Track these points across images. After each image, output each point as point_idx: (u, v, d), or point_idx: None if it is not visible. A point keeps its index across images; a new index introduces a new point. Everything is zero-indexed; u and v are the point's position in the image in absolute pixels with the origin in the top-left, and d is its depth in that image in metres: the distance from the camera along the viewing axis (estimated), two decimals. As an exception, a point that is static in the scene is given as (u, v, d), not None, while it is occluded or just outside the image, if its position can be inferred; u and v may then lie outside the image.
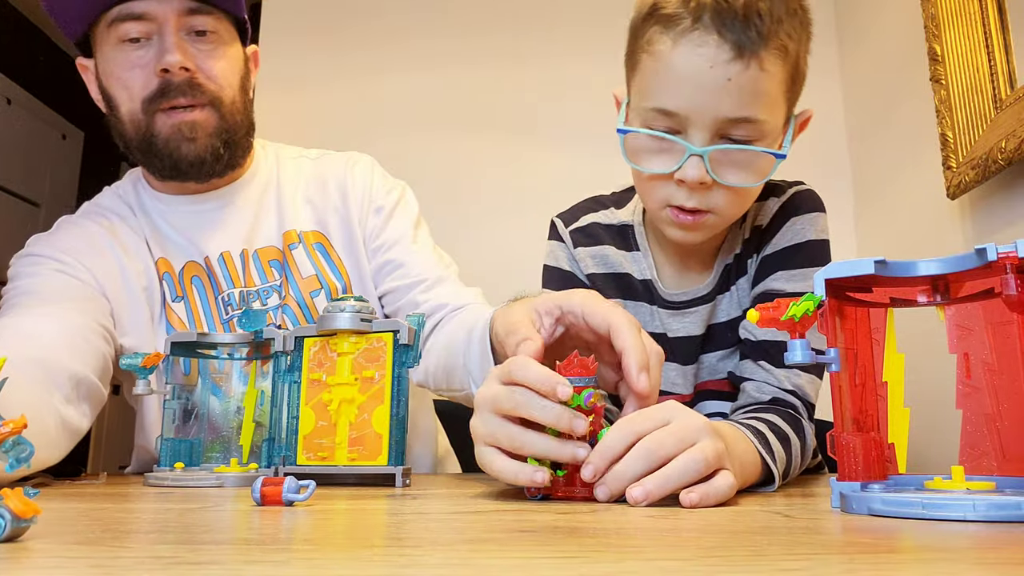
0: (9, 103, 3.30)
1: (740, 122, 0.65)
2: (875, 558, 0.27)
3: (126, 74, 0.86)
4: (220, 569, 0.25)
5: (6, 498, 0.30)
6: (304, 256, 0.94)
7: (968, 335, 0.44)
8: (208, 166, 0.90)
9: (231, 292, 0.92)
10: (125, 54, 0.86)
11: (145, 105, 0.86)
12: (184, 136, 0.87)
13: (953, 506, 0.37)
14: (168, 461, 0.72)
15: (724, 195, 0.68)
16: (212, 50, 0.88)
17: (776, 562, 0.26)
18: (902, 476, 0.45)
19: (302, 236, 0.95)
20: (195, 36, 0.87)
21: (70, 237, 0.92)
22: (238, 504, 0.49)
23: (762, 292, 0.75)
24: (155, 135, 0.87)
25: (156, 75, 0.85)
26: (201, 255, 0.93)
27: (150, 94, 0.86)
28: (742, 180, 0.68)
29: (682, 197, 0.69)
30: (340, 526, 0.38)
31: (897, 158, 1.56)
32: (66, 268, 0.88)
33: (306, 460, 0.66)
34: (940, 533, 0.33)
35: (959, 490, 0.40)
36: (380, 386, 0.66)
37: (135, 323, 0.89)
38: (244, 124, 0.92)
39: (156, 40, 0.85)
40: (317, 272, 0.94)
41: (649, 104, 0.68)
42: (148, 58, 0.85)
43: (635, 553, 0.28)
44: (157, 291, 0.91)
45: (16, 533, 0.30)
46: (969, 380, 0.43)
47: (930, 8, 1.36)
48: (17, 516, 0.30)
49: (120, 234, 0.93)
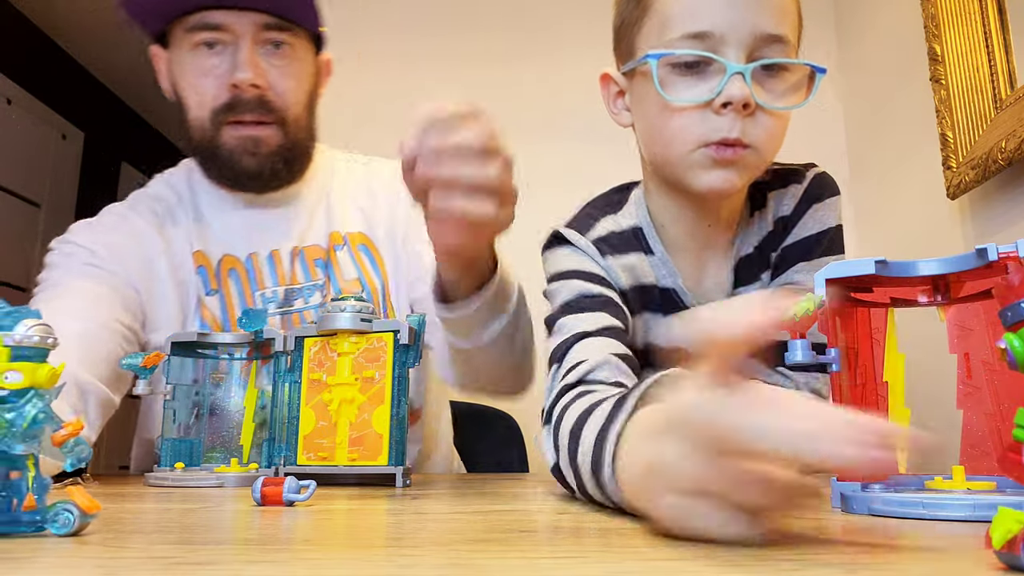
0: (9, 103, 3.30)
1: (774, 40, 0.63)
2: (875, 558, 0.27)
3: (198, 80, 0.87)
4: (220, 569, 0.25)
5: (72, 494, 0.32)
6: (348, 257, 0.94)
7: (969, 335, 0.44)
8: (266, 181, 0.91)
9: (275, 289, 0.92)
10: (199, 60, 0.86)
11: (213, 115, 0.87)
12: (247, 150, 0.88)
13: (954, 506, 0.37)
14: (168, 461, 0.72)
15: (764, 126, 0.64)
16: (285, 66, 0.88)
17: (776, 562, 0.26)
18: (902, 476, 0.45)
19: (347, 238, 0.95)
20: (271, 49, 0.87)
21: (110, 229, 0.92)
22: (238, 504, 0.49)
23: (784, 284, 0.71)
24: (220, 146, 0.88)
25: (227, 88, 0.85)
26: (246, 251, 0.92)
27: (220, 106, 0.86)
28: (785, 103, 0.64)
29: (724, 127, 0.63)
30: (340, 526, 0.38)
31: (897, 158, 1.56)
32: (98, 261, 0.88)
33: (306, 460, 0.66)
34: (941, 533, 0.33)
35: (960, 490, 0.41)
36: (380, 386, 0.66)
37: (167, 318, 0.89)
38: (306, 140, 0.93)
39: (231, 51, 0.86)
40: (360, 275, 0.94)
41: (677, 33, 0.64)
42: (221, 69, 0.86)
43: (635, 553, 0.28)
44: (192, 285, 0.91)
45: (81, 527, 0.31)
46: (970, 380, 0.43)
47: (930, 8, 1.36)
48: (84, 511, 0.31)
49: (164, 226, 0.93)
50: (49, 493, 0.32)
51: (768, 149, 0.66)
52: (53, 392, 0.33)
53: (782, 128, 0.66)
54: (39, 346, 0.33)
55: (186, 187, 0.97)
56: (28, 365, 0.32)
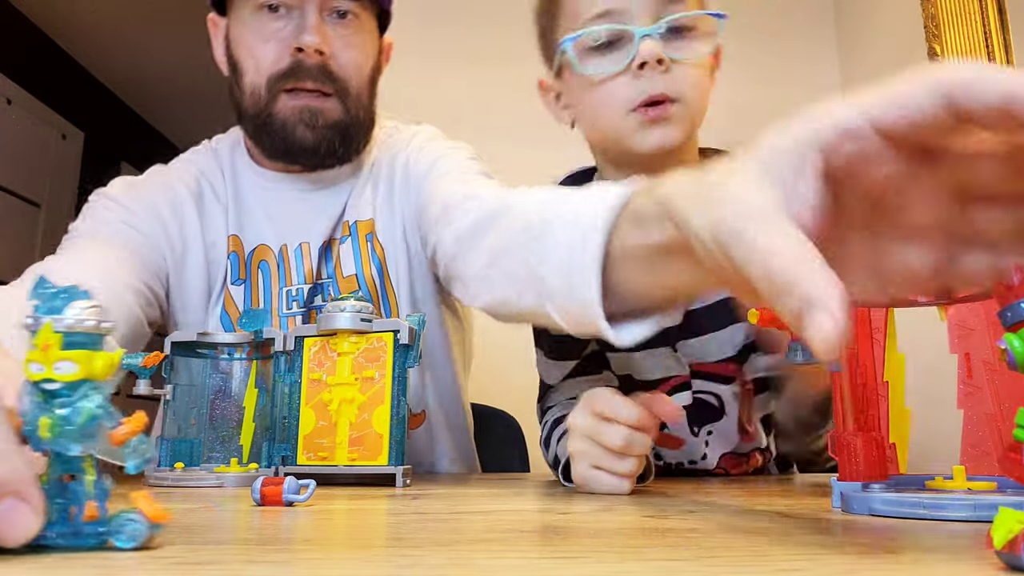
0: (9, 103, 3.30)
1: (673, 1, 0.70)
2: (875, 558, 0.27)
3: (258, 44, 0.82)
4: (220, 569, 0.25)
5: (137, 501, 0.28)
6: (350, 250, 0.89)
7: (969, 335, 0.44)
8: (320, 157, 0.85)
9: (300, 288, 0.88)
10: (262, 22, 0.82)
11: (271, 82, 0.82)
12: (304, 121, 0.82)
13: (954, 506, 0.37)
14: (168, 461, 0.72)
15: (683, 78, 0.71)
16: (350, 36, 0.83)
17: (776, 562, 0.26)
18: (903, 476, 0.45)
19: (355, 227, 0.90)
20: (336, 17, 0.83)
21: (152, 190, 0.88)
22: (238, 504, 0.49)
23: None
24: (274, 114, 0.82)
25: (289, 53, 0.81)
26: (279, 242, 0.89)
27: (279, 71, 0.81)
28: (695, 53, 0.72)
29: (645, 87, 0.70)
30: (340, 526, 0.38)
31: (897, 158, 1.56)
32: (135, 222, 0.85)
33: (306, 460, 0.66)
34: (941, 533, 0.33)
35: (960, 490, 0.40)
36: (380, 386, 0.66)
37: (192, 291, 0.87)
38: (366, 119, 0.88)
39: (296, 15, 0.81)
40: (359, 270, 0.89)
41: (585, 18, 0.71)
42: (285, 32, 0.81)
43: (635, 553, 0.28)
44: (222, 268, 0.88)
45: (149, 539, 0.28)
46: (970, 380, 0.43)
47: (930, 8, 1.36)
48: (152, 521, 0.28)
49: (205, 200, 0.90)
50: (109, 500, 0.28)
51: (693, 98, 0.73)
52: (110, 383, 0.28)
53: (703, 77, 0.74)
54: (94, 331, 0.28)
55: (229, 163, 0.92)
56: (83, 353, 0.27)
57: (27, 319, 0.28)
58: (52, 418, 0.27)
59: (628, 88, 0.71)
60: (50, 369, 0.27)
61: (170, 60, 3.65)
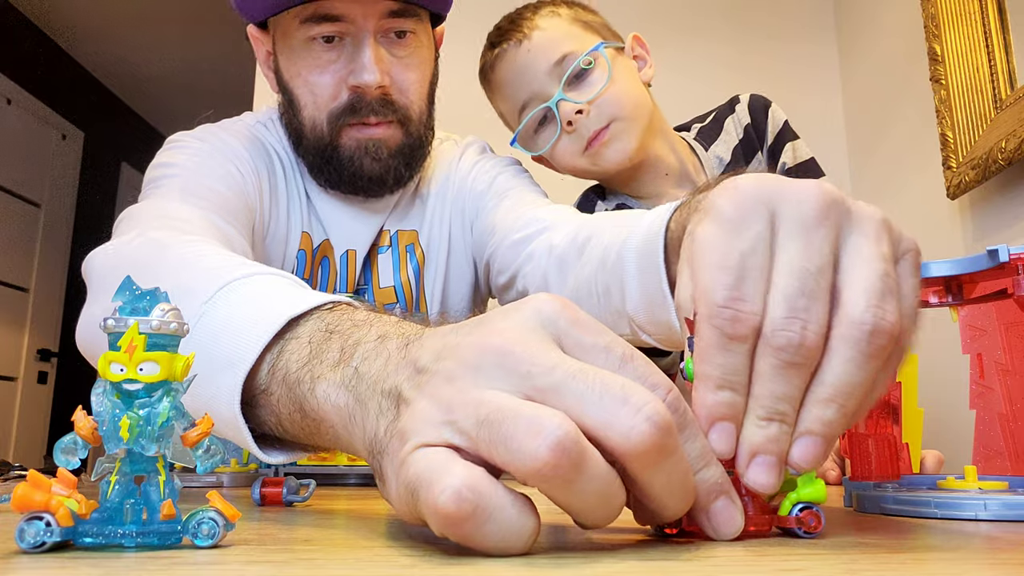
0: (9, 103, 3.30)
1: None
2: (882, 557, 0.26)
3: (314, 77, 0.78)
4: (220, 569, 0.24)
5: (212, 501, 0.28)
6: (389, 260, 0.87)
7: (981, 335, 0.43)
8: (387, 186, 0.82)
9: (343, 295, 0.85)
10: (314, 54, 0.77)
11: (332, 118, 0.78)
12: (368, 153, 0.79)
13: (965, 505, 0.37)
14: (166, 461, 0.72)
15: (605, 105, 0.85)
16: (408, 57, 0.79)
17: (780, 562, 0.25)
18: (915, 476, 0.45)
19: (396, 237, 0.87)
20: (393, 39, 0.78)
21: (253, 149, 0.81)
22: (238, 504, 0.49)
23: None
24: (339, 148, 0.79)
25: (347, 88, 0.77)
26: (343, 248, 0.86)
27: (338, 108, 0.78)
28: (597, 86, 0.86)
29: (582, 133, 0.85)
30: (340, 526, 0.38)
31: (897, 158, 1.56)
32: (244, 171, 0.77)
33: (306, 460, 0.65)
34: (952, 533, 0.33)
35: (972, 490, 0.40)
36: (381, 385, 0.65)
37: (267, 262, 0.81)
38: (427, 135, 0.84)
39: (350, 44, 0.76)
40: (397, 281, 0.87)
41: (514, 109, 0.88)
42: (340, 64, 0.77)
43: (635, 553, 0.27)
44: (290, 262, 0.83)
45: (223, 538, 0.28)
46: (982, 380, 0.43)
47: (930, 8, 1.36)
48: (228, 519, 0.28)
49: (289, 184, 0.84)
50: None
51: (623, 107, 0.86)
52: (183, 386, 0.28)
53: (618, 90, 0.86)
54: (176, 333, 0.28)
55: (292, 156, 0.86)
56: (165, 355, 0.28)
57: (108, 319, 0.28)
58: (132, 419, 0.27)
59: (570, 143, 0.86)
60: (133, 370, 0.27)
61: (170, 60, 3.65)
